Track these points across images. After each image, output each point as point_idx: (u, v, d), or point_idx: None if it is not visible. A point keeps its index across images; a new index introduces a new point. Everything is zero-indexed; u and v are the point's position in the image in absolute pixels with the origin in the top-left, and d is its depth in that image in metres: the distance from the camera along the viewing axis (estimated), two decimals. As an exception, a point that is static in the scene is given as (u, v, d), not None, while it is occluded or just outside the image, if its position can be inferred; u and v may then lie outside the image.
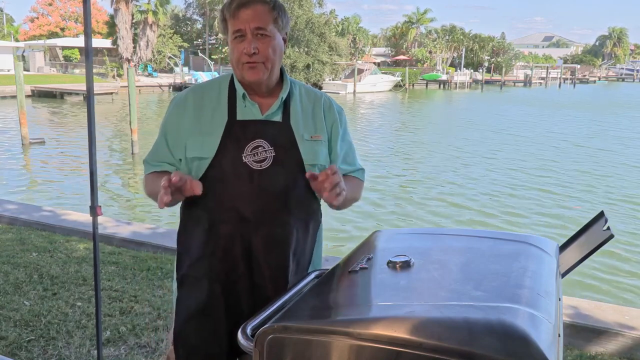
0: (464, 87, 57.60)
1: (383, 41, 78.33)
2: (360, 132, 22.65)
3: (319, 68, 44.35)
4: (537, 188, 12.09)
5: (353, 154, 1.87)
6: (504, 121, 27.00)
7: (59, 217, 6.01)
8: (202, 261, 1.66)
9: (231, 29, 1.64)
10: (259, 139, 1.64)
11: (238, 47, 1.63)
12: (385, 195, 11.33)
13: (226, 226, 1.63)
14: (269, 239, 1.63)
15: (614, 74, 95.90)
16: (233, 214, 1.62)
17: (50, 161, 14.46)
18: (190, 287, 1.69)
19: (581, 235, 1.64)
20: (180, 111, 1.74)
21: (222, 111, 1.68)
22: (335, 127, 1.78)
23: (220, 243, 1.64)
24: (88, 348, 3.24)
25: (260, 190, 1.62)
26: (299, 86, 1.82)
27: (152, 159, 1.78)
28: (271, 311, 1.35)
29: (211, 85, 1.78)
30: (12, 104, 23.49)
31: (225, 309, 1.66)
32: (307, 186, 1.66)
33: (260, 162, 1.62)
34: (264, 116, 1.68)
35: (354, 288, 1.34)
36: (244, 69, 1.64)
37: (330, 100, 1.83)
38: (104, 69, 40.76)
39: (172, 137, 1.73)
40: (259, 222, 1.62)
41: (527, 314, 1.09)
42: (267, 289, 1.64)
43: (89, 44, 2.63)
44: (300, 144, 1.67)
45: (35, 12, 57.80)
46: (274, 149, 1.64)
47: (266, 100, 1.71)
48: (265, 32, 1.64)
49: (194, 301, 1.68)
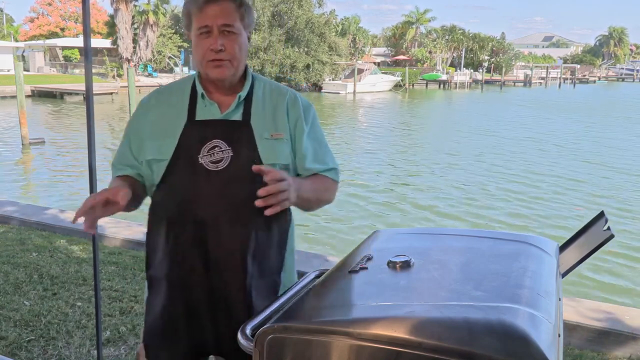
0: (463, 87, 57.59)
1: (383, 41, 78.33)
2: (360, 131, 22.66)
3: (319, 68, 44.33)
4: (537, 188, 12.10)
5: (324, 152, 1.77)
6: (504, 121, 27.01)
7: (59, 217, 6.01)
8: (163, 263, 1.63)
9: (196, 24, 1.59)
10: (216, 139, 1.60)
11: (203, 43, 1.59)
12: (385, 195, 11.33)
13: (184, 229, 1.60)
14: (227, 242, 1.59)
15: (614, 74, 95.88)
16: (190, 216, 1.59)
17: (50, 161, 14.46)
18: (156, 288, 1.67)
19: (581, 235, 1.64)
20: (143, 113, 1.72)
21: (182, 112, 1.65)
22: (300, 124, 1.70)
23: (178, 246, 1.61)
24: (88, 348, 3.24)
25: (217, 192, 1.58)
26: (264, 83, 1.75)
27: (117, 163, 1.75)
28: (271, 311, 1.35)
29: (175, 86, 1.76)
30: (12, 104, 23.48)
31: (184, 312, 1.64)
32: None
33: (217, 163, 1.58)
34: (222, 115, 1.64)
35: (354, 288, 1.34)
36: (209, 66, 1.61)
37: (296, 96, 1.75)
38: (104, 69, 40.77)
39: (135, 140, 1.70)
40: (216, 224, 1.58)
41: (527, 314, 1.09)
42: (226, 292, 1.61)
43: (88, 44, 2.63)
44: (259, 143, 1.62)
45: (35, 12, 57.83)
46: (231, 149, 1.59)
47: (226, 98, 1.67)
48: (233, 29, 1.60)
49: (159, 302, 1.66)
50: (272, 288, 1.67)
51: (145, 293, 1.73)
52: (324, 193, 1.76)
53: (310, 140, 1.73)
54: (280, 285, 1.69)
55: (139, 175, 1.71)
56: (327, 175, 1.76)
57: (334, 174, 1.78)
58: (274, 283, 1.68)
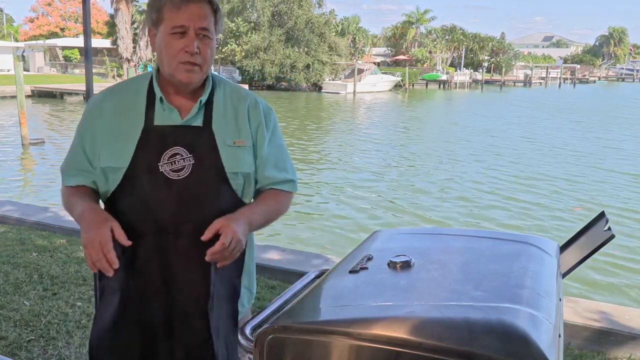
0: (463, 87, 57.59)
1: (383, 41, 78.33)
2: (360, 131, 22.66)
3: (319, 68, 44.34)
4: (537, 188, 12.09)
5: (284, 160, 1.71)
6: (504, 122, 27.01)
7: (59, 217, 6.01)
8: (119, 274, 1.52)
9: (171, 22, 1.50)
10: (177, 146, 1.52)
11: (176, 43, 1.50)
12: (385, 195, 11.33)
13: (143, 239, 1.52)
14: (189, 252, 1.53)
15: (614, 74, 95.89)
16: (150, 226, 1.52)
17: (50, 161, 14.45)
18: (107, 298, 1.59)
19: (582, 235, 1.64)
20: (96, 115, 1.60)
21: (139, 116, 1.55)
22: (261, 129, 1.64)
23: (137, 256, 1.54)
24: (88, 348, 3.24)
25: (178, 201, 1.51)
26: (225, 86, 1.67)
27: (70, 168, 1.63)
28: (271, 311, 1.35)
29: (128, 87, 1.65)
30: (12, 104, 23.48)
31: (137, 324, 1.57)
32: (231, 194, 1.58)
33: (178, 172, 1.51)
34: (183, 121, 1.56)
35: (354, 288, 1.34)
36: (179, 68, 1.52)
37: (257, 100, 1.69)
38: (104, 69, 40.78)
39: (88, 144, 1.59)
40: (177, 234, 1.52)
41: (528, 314, 1.09)
42: (185, 304, 1.56)
43: (89, 44, 2.64)
44: (222, 150, 1.55)
45: (35, 12, 57.85)
46: (192, 157, 1.52)
47: (187, 103, 1.58)
48: (208, 33, 1.53)
49: (109, 314, 1.58)
50: (231, 292, 1.62)
51: (96, 302, 1.65)
52: (276, 212, 1.69)
53: (271, 148, 1.67)
54: (239, 288, 1.66)
55: (94, 184, 1.61)
56: (282, 188, 1.70)
57: (290, 186, 1.72)
58: (234, 287, 1.63)
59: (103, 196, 1.62)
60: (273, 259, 4.74)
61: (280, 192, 1.70)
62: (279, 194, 1.70)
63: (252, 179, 1.64)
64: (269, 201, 1.67)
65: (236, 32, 43.41)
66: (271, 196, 1.68)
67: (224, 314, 1.60)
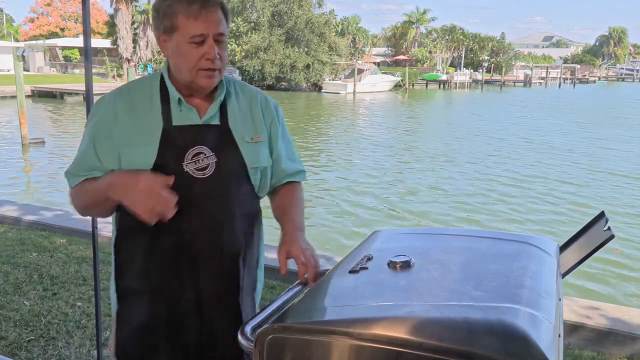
0: (463, 87, 57.60)
1: (383, 41, 78.35)
2: (360, 131, 22.66)
3: (319, 68, 44.35)
4: (537, 188, 12.09)
5: (294, 152, 1.79)
6: (504, 122, 27.01)
7: (59, 217, 6.01)
8: (145, 275, 1.56)
9: (189, 30, 1.50)
10: (199, 145, 1.55)
11: (196, 51, 1.51)
12: (385, 195, 11.33)
13: (170, 239, 1.54)
14: (217, 250, 1.56)
15: (614, 74, 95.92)
16: (176, 225, 1.52)
17: (50, 161, 14.45)
18: (132, 301, 1.60)
19: (582, 235, 1.64)
20: (110, 118, 1.57)
21: (157, 117, 1.56)
22: (275, 124, 1.71)
23: (164, 257, 1.55)
24: (88, 348, 3.24)
25: (204, 199, 1.54)
26: (234, 84, 1.71)
27: (78, 170, 1.60)
28: (271, 311, 1.35)
29: (141, 87, 1.63)
30: (12, 104, 23.49)
31: (167, 325, 1.58)
32: (250, 189, 1.63)
33: (203, 170, 1.54)
34: (202, 120, 1.58)
35: (354, 288, 1.34)
36: (200, 75, 1.53)
37: (266, 96, 1.74)
38: (104, 69, 40.80)
39: (103, 147, 1.57)
40: (204, 232, 1.55)
41: (528, 314, 1.09)
42: (216, 301, 1.58)
43: (88, 44, 2.63)
44: (242, 147, 1.60)
45: (35, 13, 57.86)
46: (215, 155, 1.55)
47: (203, 103, 1.60)
48: (224, 37, 1.56)
49: (137, 317, 1.59)
50: (252, 285, 1.69)
51: (114, 306, 1.65)
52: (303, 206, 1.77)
53: (284, 141, 1.74)
54: (258, 281, 1.73)
55: None
56: (296, 179, 1.79)
57: (302, 176, 1.81)
58: (254, 280, 1.71)
59: None
60: (273, 259, 4.74)
61: (294, 184, 1.78)
62: (294, 187, 1.77)
63: (268, 173, 1.69)
64: (294, 199, 1.74)
65: (236, 32, 43.41)
66: (290, 193, 1.76)
67: (247, 305, 1.65)
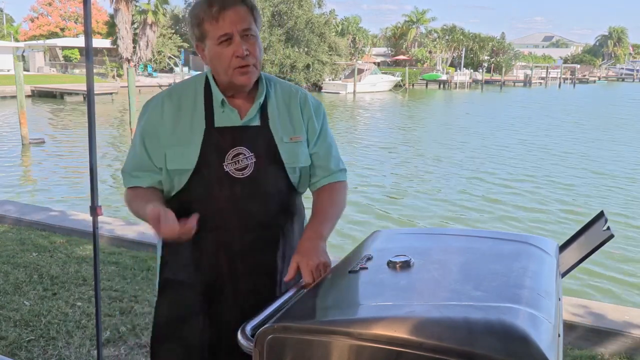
0: (463, 87, 57.58)
1: (383, 41, 78.32)
2: (360, 131, 22.66)
3: (319, 68, 44.33)
4: (537, 188, 12.09)
5: (335, 151, 1.80)
6: (504, 122, 27.01)
7: (59, 217, 6.01)
8: (186, 269, 1.64)
9: (215, 33, 1.55)
10: (239, 146, 1.60)
11: (226, 51, 1.56)
12: (386, 195, 11.33)
13: (211, 236, 1.60)
14: (256, 247, 1.62)
15: (614, 74, 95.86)
16: (218, 224, 1.60)
17: (50, 161, 14.46)
18: (173, 293, 1.67)
19: (581, 235, 1.64)
20: (158, 118, 1.65)
21: (200, 118, 1.62)
22: (312, 124, 1.72)
23: (206, 253, 1.62)
24: (88, 348, 3.24)
25: (243, 199, 1.59)
26: (274, 83, 1.74)
27: (133, 169, 1.68)
28: (271, 311, 1.35)
29: (187, 89, 1.69)
30: (12, 104, 23.48)
31: (205, 318, 1.64)
32: (289, 185, 1.67)
33: (242, 170, 1.59)
34: (243, 121, 1.63)
35: (354, 288, 1.34)
36: (236, 74, 1.58)
37: (307, 95, 1.77)
38: (103, 69, 40.76)
39: (152, 145, 1.64)
40: (244, 230, 1.61)
41: (527, 314, 1.09)
42: (255, 296, 1.61)
43: (90, 44, 2.63)
44: (280, 147, 1.63)
45: (35, 12, 57.83)
46: (254, 155, 1.60)
47: (244, 103, 1.65)
48: (252, 32, 1.58)
49: (175, 308, 1.66)
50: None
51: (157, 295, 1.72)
52: (340, 208, 1.77)
53: (323, 140, 1.75)
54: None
55: (159, 184, 1.67)
56: (337, 179, 1.79)
57: (343, 175, 1.81)
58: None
59: (167, 194, 1.68)
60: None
61: (337, 184, 1.78)
62: (335, 187, 1.78)
63: (308, 171, 1.73)
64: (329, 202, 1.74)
65: (236, 32, 43.36)
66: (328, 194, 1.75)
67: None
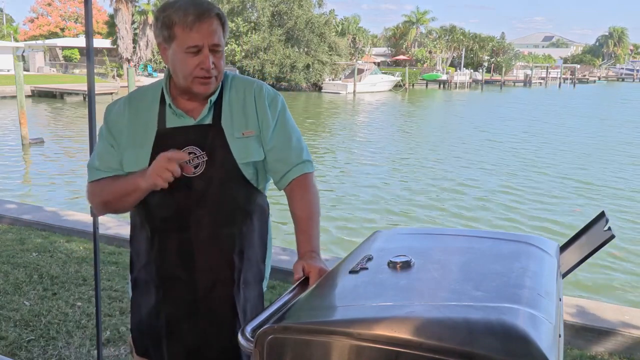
0: (463, 87, 57.60)
1: (383, 41, 78.30)
2: (360, 131, 22.66)
3: (319, 68, 44.34)
4: (537, 188, 12.10)
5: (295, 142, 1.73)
6: (504, 122, 27.02)
7: (59, 217, 6.02)
8: (147, 267, 1.69)
9: (185, 41, 1.56)
10: (190, 146, 1.61)
11: (192, 60, 1.58)
12: (386, 195, 11.33)
13: (166, 235, 1.64)
14: (211, 244, 1.64)
15: (614, 74, 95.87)
16: (172, 223, 1.63)
17: (49, 161, 14.46)
18: (141, 290, 1.73)
19: (582, 235, 1.64)
20: (119, 119, 1.70)
21: (153, 121, 1.65)
22: (266, 116, 1.69)
23: (163, 252, 1.65)
24: (88, 348, 3.24)
25: (198, 197, 1.61)
26: (231, 79, 1.73)
27: (101, 165, 1.70)
28: (271, 311, 1.35)
29: (144, 94, 1.73)
30: (12, 104, 23.49)
31: (168, 312, 1.68)
32: (245, 183, 1.66)
33: (194, 169, 1.61)
34: (196, 121, 1.65)
35: (354, 288, 1.34)
36: (196, 82, 1.60)
37: (262, 88, 1.73)
38: (104, 69, 40.78)
39: (115, 144, 1.69)
40: (198, 228, 1.63)
41: (528, 314, 1.09)
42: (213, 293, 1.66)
43: (90, 44, 2.63)
44: (232, 143, 1.63)
45: (35, 13, 57.86)
46: (205, 154, 1.61)
47: (197, 105, 1.67)
48: (220, 47, 1.61)
49: (144, 304, 1.72)
50: (258, 277, 1.75)
51: (129, 293, 1.79)
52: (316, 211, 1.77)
53: (279, 132, 1.71)
54: (264, 271, 1.78)
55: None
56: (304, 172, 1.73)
57: (308, 167, 1.74)
58: (260, 271, 1.76)
59: None
60: (273, 259, 4.72)
61: (303, 177, 1.73)
62: (303, 182, 1.73)
63: (263, 166, 1.71)
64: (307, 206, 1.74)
65: (236, 32, 43.42)
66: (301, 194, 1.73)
67: (252, 296, 1.72)
